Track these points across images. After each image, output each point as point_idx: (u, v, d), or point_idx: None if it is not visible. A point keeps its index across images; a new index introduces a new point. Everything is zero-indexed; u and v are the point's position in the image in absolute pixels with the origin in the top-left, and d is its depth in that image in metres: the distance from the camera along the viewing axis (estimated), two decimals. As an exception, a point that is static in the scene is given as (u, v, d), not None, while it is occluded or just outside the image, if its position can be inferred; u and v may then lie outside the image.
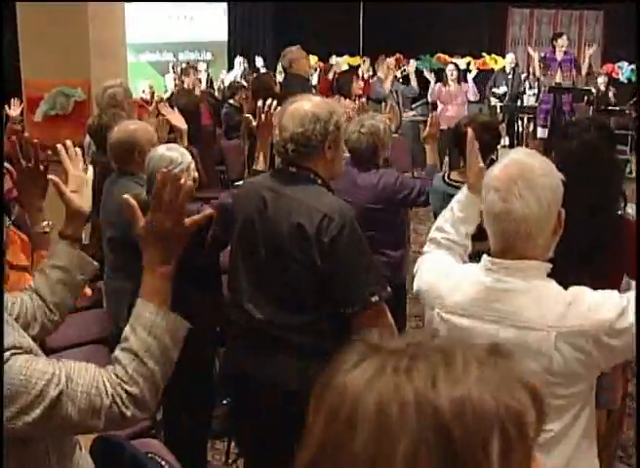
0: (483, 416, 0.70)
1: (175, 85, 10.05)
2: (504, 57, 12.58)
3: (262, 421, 2.38)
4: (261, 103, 3.18)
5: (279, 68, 8.69)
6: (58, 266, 1.79)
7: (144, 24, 11.89)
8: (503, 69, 11.95)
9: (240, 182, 3.49)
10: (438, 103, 9.55)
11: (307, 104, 2.33)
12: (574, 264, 2.10)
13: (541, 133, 9.59)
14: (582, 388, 1.71)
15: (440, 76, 10.05)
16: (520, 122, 11.71)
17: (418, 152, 8.66)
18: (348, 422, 0.71)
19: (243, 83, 9.36)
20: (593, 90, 10.65)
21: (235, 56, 12.99)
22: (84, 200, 1.86)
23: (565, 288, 1.70)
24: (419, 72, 9.99)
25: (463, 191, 2.11)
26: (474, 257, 1.91)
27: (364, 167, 3.69)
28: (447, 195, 3.63)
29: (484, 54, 14.17)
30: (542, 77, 9.71)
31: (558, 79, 9.46)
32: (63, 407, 1.34)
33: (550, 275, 1.72)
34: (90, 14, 5.59)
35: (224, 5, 14.18)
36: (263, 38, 15.33)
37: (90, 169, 1.93)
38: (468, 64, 13.00)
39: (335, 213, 2.24)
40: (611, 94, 10.86)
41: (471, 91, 9.72)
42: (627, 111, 10.51)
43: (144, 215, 1.55)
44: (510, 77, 11.48)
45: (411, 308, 4.20)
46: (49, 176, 1.98)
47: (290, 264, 2.27)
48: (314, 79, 11.30)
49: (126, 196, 1.58)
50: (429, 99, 9.95)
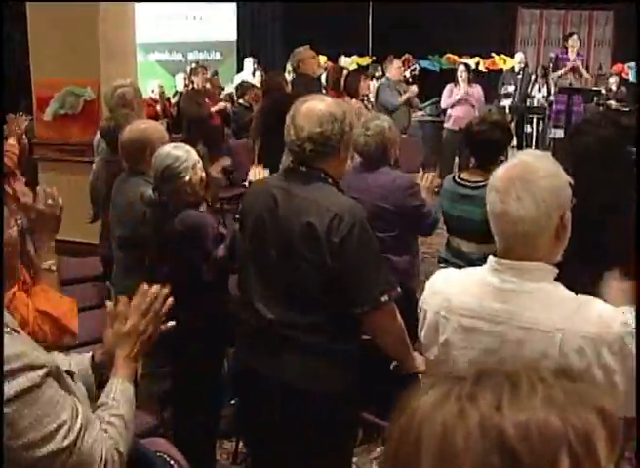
0: (549, 438, 0.70)
1: (185, 85, 10.03)
2: (514, 57, 12.47)
3: (272, 421, 2.37)
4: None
5: (288, 68, 8.68)
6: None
7: (154, 24, 11.90)
8: (512, 69, 11.89)
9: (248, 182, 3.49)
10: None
11: (321, 104, 2.32)
12: (589, 268, 2.06)
13: (556, 133, 9.44)
14: None
15: (449, 76, 9.89)
16: (529, 123, 11.65)
17: (426, 153, 8.64)
18: (415, 445, 0.74)
19: (252, 82, 9.36)
20: (603, 90, 10.60)
21: (244, 56, 12.98)
22: None
23: (575, 293, 1.68)
24: (425, 72, 9.78)
25: None
26: (483, 261, 1.89)
27: (376, 167, 3.59)
28: (456, 195, 3.62)
29: (493, 54, 14.13)
30: (556, 76, 9.55)
31: (570, 79, 9.39)
32: (66, 456, 1.45)
33: (559, 278, 1.69)
34: (101, 14, 5.61)
35: (234, 5, 14.17)
36: (272, 38, 15.32)
37: None
38: (477, 64, 12.95)
39: (345, 212, 2.24)
40: (621, 93, 10.81)
41: (476, 96, 8.84)
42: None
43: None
44: (519, 77, 11.40)
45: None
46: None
47: (300, 264, 2.27)
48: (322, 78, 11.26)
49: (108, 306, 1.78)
50: (443, 106, 9.00)
